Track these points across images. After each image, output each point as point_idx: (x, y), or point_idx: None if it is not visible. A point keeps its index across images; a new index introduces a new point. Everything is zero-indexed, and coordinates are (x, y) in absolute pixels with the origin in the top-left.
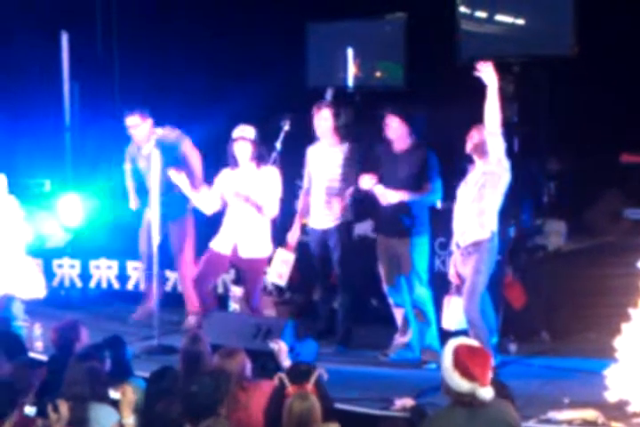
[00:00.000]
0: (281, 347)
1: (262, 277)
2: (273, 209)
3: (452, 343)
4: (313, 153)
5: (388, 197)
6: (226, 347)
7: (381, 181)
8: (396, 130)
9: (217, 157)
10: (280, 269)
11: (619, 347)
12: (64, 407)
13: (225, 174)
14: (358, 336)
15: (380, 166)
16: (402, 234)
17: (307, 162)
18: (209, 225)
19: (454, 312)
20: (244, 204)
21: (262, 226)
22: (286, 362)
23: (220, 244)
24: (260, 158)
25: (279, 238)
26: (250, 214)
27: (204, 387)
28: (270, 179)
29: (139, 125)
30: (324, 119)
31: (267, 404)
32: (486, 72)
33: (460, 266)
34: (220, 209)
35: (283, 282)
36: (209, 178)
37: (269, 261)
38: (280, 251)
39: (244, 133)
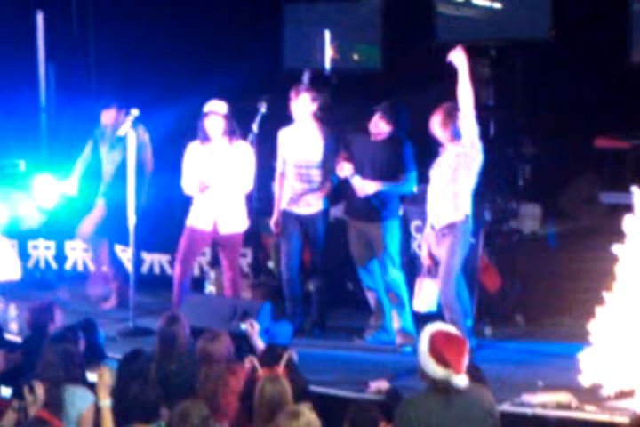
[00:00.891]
0: (254, 326)
1: (240, 252)
2: (248, 184)
3: (429, 329)
4: (287, 136)
5: (366, 188)
6: (210, 330)
7: (356, 168)
8: (381, 128)
9: (193, 139)
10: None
11: (593, 331)
12: (40, 389)
13: (194, 148)
14: (334, 319)
15: (352, 152)
16: (373, 217)
17: (280, 145)
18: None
19: (426, 294)
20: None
21: (238, 201)
22: (259, 342)
23: (200, 220)
24: (232, 133)
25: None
26: (225, 190)
27: (182, 367)
28: (243, 154)
29: (116, 119)
30: (302, 103)
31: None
32: (456, 56)
33: (434, 248)
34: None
35: None
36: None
37: (245, 235)
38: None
39: (216, 108)
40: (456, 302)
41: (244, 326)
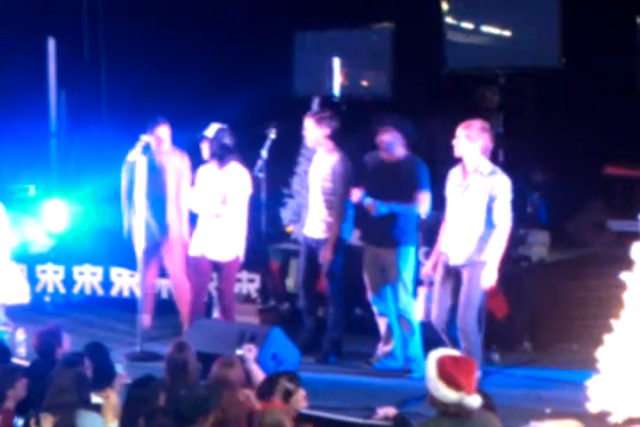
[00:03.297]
0: (252, 351)
1: (235, 276)
2: (240, 207)
3: (435, 354)
4: (313, 162)
5: (378, 207)
6: (223, 356)
7: (369, 190)
8: (389, 142)
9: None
10: None
11: (601, 358)
12: (47, 422)
13: (202, 171)
14: (342, 345)
15: (366, 176)
16: (389, 243)
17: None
18: None
19: (423, 303)
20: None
21: (231, 225)
22: (254, 367)
23: (198, 248)
24: (219, 157)
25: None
26: (214, 214)
27: (192, 394)
28: (234, 178)
29: (167, 137)
30: (307, 129)
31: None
32: None
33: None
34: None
35: None
36: None
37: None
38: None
39: (206, 131)
40: (475, 333)
41: (239, 351)
